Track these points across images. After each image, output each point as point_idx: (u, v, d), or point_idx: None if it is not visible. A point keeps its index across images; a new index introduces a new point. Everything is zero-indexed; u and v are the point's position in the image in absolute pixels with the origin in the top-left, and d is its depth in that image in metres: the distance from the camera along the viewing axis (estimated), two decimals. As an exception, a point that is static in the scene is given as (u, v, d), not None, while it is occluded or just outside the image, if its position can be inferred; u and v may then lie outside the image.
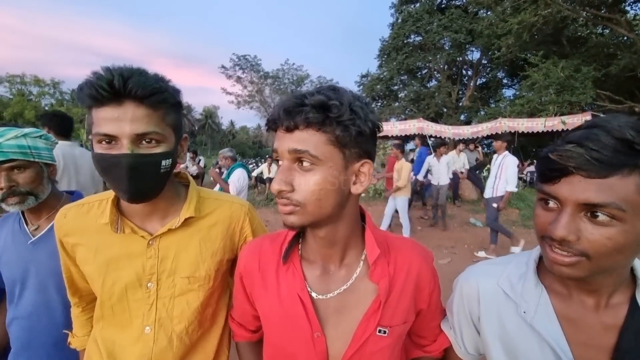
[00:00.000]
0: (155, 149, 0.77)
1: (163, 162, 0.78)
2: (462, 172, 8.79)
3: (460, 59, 20.86)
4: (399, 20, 20.68)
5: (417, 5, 19.93)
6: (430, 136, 13.11)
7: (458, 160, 8.90)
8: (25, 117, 28.53)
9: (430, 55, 19.89)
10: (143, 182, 0.77)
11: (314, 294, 0.73)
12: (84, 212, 0.89)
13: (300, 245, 0.78)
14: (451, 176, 7.30)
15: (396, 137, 15.81)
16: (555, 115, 11.04)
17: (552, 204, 0.58)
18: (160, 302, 0.87)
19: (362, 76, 23.64)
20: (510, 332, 0.70)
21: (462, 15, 18.41)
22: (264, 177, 10.52)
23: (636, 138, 0.50)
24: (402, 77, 22.17)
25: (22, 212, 1.18)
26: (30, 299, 1.11)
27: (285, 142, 0.62)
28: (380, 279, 0.71)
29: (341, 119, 0.59)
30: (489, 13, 15.79)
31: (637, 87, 12.79)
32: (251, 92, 25.19)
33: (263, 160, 11.80)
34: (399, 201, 5.57)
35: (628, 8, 13.50)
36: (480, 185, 9.04)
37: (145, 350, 0.85)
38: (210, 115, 48.99)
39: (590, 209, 0.53)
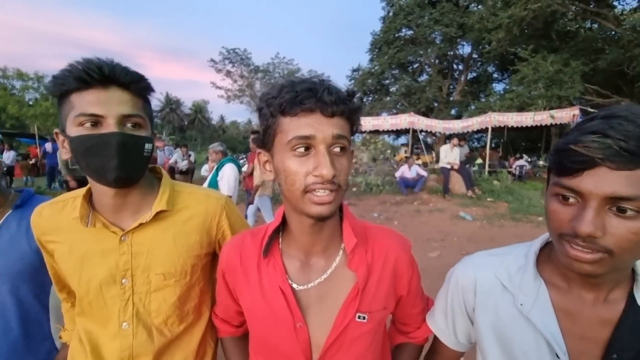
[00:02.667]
0: (139, 132, 0.80)
1: (146, 145, 0.81)
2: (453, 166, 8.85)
3: (451, 53, 20.97)
4: (390, 14, 20.65)
5: (409, -2, 19.86)
6: (421, 131, 13.17)
7: (451, 154, 8.96)
8: (9, 112, 27.77)
9: (421, 49, 19.92)
10: (129, 162, 0.78)
11: (294, 285, 0.74)
12: (59, 210, 0.88)
13: (280, 239, 0.79)
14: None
15: (387, 132, 15.88)
16: (544, 109, 11.17)
17: (571, 199, 0.55)
18: (136, 297, 0.86)
19: (354, 70, 23.60)
20: (505, 323, 0.70)
21: (453, 9, 18.43)
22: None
23: None
24: (394, 71, 22.21)
25: None
26: None
27: (329, 129, 0.63)
28: (358, 267, 0.74)
29: (360, 110, 0.68)
30: (479, 7, 15.86)
31: (623, 81, 13.02)
32: (241, 87, 24.93)
33: (254, 155, 11.76)
34: (261, 200, 5.12)
35: (616, 3, 13.70)
36: (470, 179, 9.11)
37: (125, 345, 0.85)
38: (199, 109, 48.40)
39: (617, 203, 0.51)
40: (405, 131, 13.48)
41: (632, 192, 0.48)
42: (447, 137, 12.62)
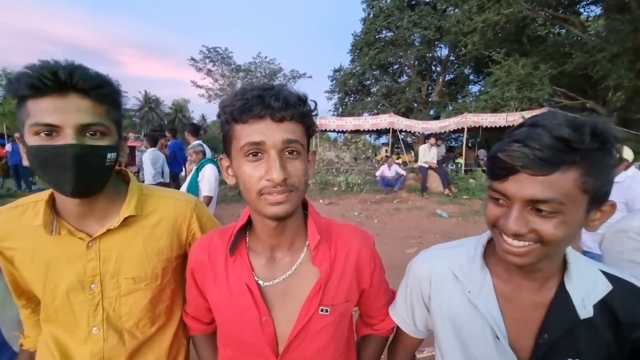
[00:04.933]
0: (100, 141, 0.76)
1: (108, 155, 0.77)
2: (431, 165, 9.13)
3: (430, 55, 21.42)
4: (371, 15, 20.89)
5: (388, 1, 20.19)
6: (402, 131, 13.46)
7: (429, 154, 9.24)
8: (-26, 110, 26.35)
9: (401, 50, 20.27)
10: (88, 174, 0.75)
11: (260, 282, 0.78)
12: (18, 215, 0.84)
13: (247, 238, 0.82)
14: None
15: (368, 132, 16.11)
16: (516, 110, 11.65)
17: (501, 200, 0.64)
18: (106, 302, 0.85)
19: (335, 70, 23.73)
20: (456, 309, 0.78)
21: (431, 12, 18.85)
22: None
23: (572, 137, 0.55)
24: (374, 72, 22.48)
25: None
26: None
27: (278, 134, 0.66)
28: (321, 263, 0.78)
29: (312, 114, 0.72)
30: (456, 11, 16.29)
31: (588, 84, 13.70)
32: (222, 86, 24.60)
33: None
34: None
35: (582, 10, 14.42)
36: (447, 178, 9.42)
37: (96, 350, 0.84)
38: (180, 109, 47.38)
39: (535, 205, 0.58)
40: (385, 131, 13.72)
41: (547, 195, 0.57)
42: (426, 137, 12.95)
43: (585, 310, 0.67)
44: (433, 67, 22.73)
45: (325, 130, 13.60)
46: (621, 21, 11.50)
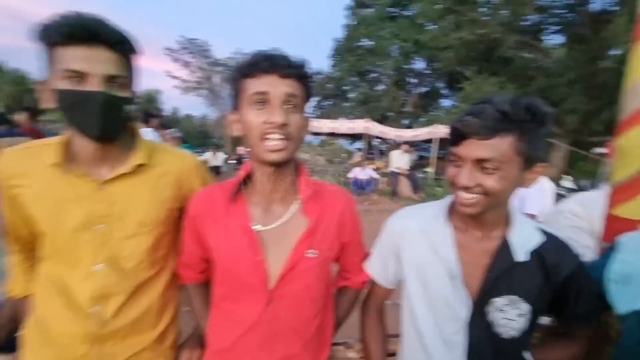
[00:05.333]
0: (122, 92, 0.84)
1: (127, 106, 0.86)
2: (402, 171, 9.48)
3: (407, 66, 22.20)
4: (353, 23, 21.38)
5: (371, 10, 20.77)
6: (376, 137, 13.87)
7: (401, 159, 9.59)
8: None
9: (380, 60, 20.87)
10: (112, 121, 0.83)
11: (257, 227, 0.88)
12: (29, 155, 0.88)
13: (245, 190, 0.93)
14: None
15: (344, 135, 16.44)
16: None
17: (457, 162, 0.81)
18: (111, 242, 0.90)
19: (314, 73, 23.94)
20: (422, 257, 0.93)
21: (410, 25, 19.59)
22: (209, 165, 10.27)
23: (510, 110, 0.73)
24: (353, 78, 22.97)
25: None
26: None
27: (281, 87, 0.79)
28: (311, 214, 0.90)
29: (309, 77, 0.85)
30: (434, 27, 17.06)
31: (549, 105, 14.76)
32: (199, 78, 24.10)
33: (207, 149, 11.49)
34: None
35: (546, 38, 15.60)
36: (416, 183, 9.83)
37: (96, 287, 0.88)
38: (151, 100, 45.65)
39: (481, 164, 0.76)
40: (360, 136, 14.07)
41: (489, 155, 0.74)
42: (398, 145, 13.43)
43: (521, 254, 0.84)
44: (409, 79, 23.56)
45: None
46: (579, 51, 12.58)
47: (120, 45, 0.82)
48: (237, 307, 0.89)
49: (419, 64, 22.33)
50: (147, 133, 4.64)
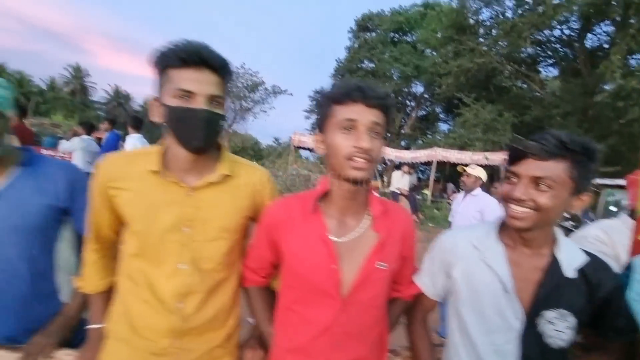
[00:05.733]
0: (219, 110, 0.94)
1: (222, 123, 0.97)
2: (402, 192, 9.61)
3: (406, 90, 22.81)
4: (355, 45, 22.07)
5: (373, 34, 21.49)
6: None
7: (401, 180, 9.73)
8: None
9: (380, 82, 21.39)
10: (209, 134, 0.93)
11: (333, 238, 0.96)
12: (129, 161, 0.99)
13: (321, 203, 1.00)
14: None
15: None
16: (481, 151, 12.68)
17: (513, 179, 0.92)
18: (194, 244, 0.97)
19: (317, 92, 24.46)
20: (473, 271, 1.01)
21: (411, 50, 20.32)
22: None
23: (566, 140, 0.85)
24: (353, 99, 23.39)
25: None
26: None
27: (368, 116, 0.88)
28: (381, 229, 0.98)
29: (392, 108, 0.95)
30: (434, 53, 17.68)
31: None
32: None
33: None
34: None
35: (542, 69, 16.25)
36: (415, 205, 9.95)
37: (180, 284, 0.96)
38: (147, 107, 45.59)
39: (536, 181, 0.87)
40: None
41: (545, 174, 0.86)
42: (396, 166, 13.63)
43: (570, 271, 0.93)
44: (408, 102, 24.14)
45: (302, 148, 13.87)
46: (574, 84, 13.12)
47: (222, 70, 0.93)
48: (311, 310, 0.95)
49: (418, 88, 23.00)
50: (137, 139, 4.67)
